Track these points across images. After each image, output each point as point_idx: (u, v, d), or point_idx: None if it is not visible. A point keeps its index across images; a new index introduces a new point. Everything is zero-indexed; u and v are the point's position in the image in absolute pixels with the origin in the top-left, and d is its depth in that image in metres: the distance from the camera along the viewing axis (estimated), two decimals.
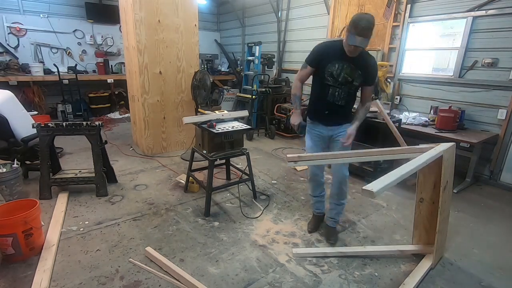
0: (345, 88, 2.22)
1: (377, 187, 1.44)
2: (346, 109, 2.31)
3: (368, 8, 4.78)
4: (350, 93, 2.25)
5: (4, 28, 5.99)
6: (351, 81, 2.18)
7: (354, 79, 2.17)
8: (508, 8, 3.35)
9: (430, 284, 2.04)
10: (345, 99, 2.26)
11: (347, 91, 2.23)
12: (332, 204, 2.53)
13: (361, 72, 2.15)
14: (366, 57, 2.18)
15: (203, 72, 4.22)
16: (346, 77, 2.17)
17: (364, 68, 2.15)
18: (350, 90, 2.23)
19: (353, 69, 2.15)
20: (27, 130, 3.24)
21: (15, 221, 2.07)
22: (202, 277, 2.04)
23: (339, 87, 2.21)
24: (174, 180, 3.51)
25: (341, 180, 2.40)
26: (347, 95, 2.24)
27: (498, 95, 3.55)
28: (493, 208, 3.15)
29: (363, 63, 2.15)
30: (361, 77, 2.17)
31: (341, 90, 2.22)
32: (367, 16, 1.94)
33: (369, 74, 2.19)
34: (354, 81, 2.18)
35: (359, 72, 2.15)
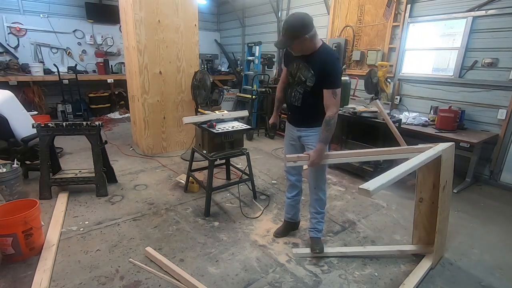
0: (300, 89, 2.09)
1: (373, 186, 1.45)
2: (304, 111, 2.13)
3: (368, 8, 4.78)
4: (307, 95, 2.07)
5: (4, 28, 5.99)
6: (304, 81, 2.04)
7: (307, 79, 2.02)
8: (508, 8, 3.36)
9: (430, 284, 2.04)
10: (301, 100, 2.10)
11: (302, 91, 2.08)
12: (312, 214, 2.38)
13: (314, 72, 1.97)
14: (323, 55, 1.95)
15: (203, 72, 4.22)
16: (300, 77, 2.06)
17: (318, 68, 1.95)
18: (306, 91, 2.07)
19: (306, 69, 2.01)
20: (27, 130, 3.24)
21: (15, 221, 2.07)
22: (202, 277, 2.04)
23: (295, 87, 2.12)
24: (174, 180, 3.51)
25: (315, 185, 2.27)
26: (302, 96, 2.09)
27: (498, 95, 3.55)
28: (493, 208, 3.15)
29: (319, 62, 1.94)
30: (314, 77, 1.98)
31: (297, 90, 2.11)
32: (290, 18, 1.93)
33: (324, 74, 1.93)
34: (307, 81, 2.02)
35: (312, 72, 1.98)
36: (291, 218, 2.57)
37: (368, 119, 3.71)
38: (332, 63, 1.95)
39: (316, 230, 2.38)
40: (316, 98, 2.04)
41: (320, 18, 5.60)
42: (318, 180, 2.27)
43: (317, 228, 2.37)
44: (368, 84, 4.18)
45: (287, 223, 2.59)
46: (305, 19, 1.92)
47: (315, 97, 2.04)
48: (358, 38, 5.04)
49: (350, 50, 5.14)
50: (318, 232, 2.38)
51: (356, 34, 5.03)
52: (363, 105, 4.09)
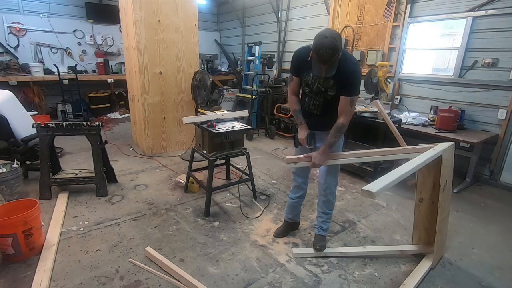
0: (320, 98, 2.06)
1: (376, 187, 1.45)
2: (324, 118, 2.11)
3: (368, 8, 4.78)
4: (327, 102, 2.06)
5: (4, 28, 5.99)
6: (325, 91, 2.01)
7: (328, 89, 1.99)
8: (508, 8, 3.36)
9: (430, 284, 2.04)
10: (322, 108, 2.09)
11: (322, 100, 2.06)
12: (319, 213, 2.40)
13: (335, 81, 1.93)
14: (343, 65, 1.87)
15: (203, 72, 4.22)
16: (319, 87, 2.00)
17: (338, 76, 1.89)
18: (326, 99, 2.05)
19: (326, 79, 1.94)
20: (27, 130, 3.24)
21: (15, 221, 2.07)
22: (202, 277, 2.04)
23: (314, 97, 2.08)
24: (174, 180, 3.51)
25: (327, 190, 2.28)
26: (323, 104, 2.08)
27: (498, 95, 3.55)
28: (493, 208, 3.15)
29: (340, 70, 1.87)
30: (335, 86, 1.96)
31: (316, 100, 2.08)
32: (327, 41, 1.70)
33: (345, 83, 1.91)
34: (328, 91, 2.00)
35: (333, 81, 1.94)
36: (292, 219, 2.58)
37: (368, 119, 3.71)
38: (354, 71, 1.90)
39: (321, 228, 2.41)
40: (334, 106, 2.02)
41: (320, 18, 5.61)
42: (329, 182, 2.26)
43: (323, 227, 2.41)
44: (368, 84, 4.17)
45: (288, 223, 2.60)
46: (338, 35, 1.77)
47: (334, 105, 2.02)
48: (358, 38, 5.04)
49: (350, 50, 5.13)
50: (323, 230, 2.41)
51: (356, 34, 5.04)
52: (363, 105, 4.09)
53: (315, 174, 3.94)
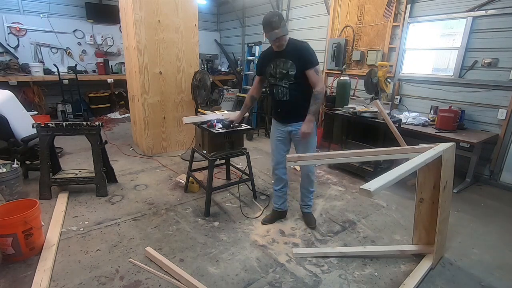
0: (285, 82, 2.33)
1: (374, 186, 1.45)
2: (294, 104, 2.38)
3: (368, 8, 4.78)
4: (292, 86, 2.32)
5: (4, 28, 5.99)
6: (287, 72, 2.29)
7: (288, 69, 2.28)
8: (508, 8, 3.35)
9: (430, 284, 2.04)
10: (289, 93, 2.35)
11: (287, 85, 2.33)
12: (303, 194, 2.70)
13: (292, 60, 2.25)
14: (294, 45, 2.28)
15: (203, 72, 4.22)
16: (281, 71, 2.31)
17: (294, 56, 2.25)
18: (290, 83, 2.31)
19: (284, 62, 2.29)
20: (27, 130, 3.24)
21: (15, 221, 2.07)
22: (202, 277, 2.04)
23: (279, 83, 2.35)
24: (174, 180, 3.51)
25: (308, 171, 2.58)
26: (289, 89, 2.34)
27: (498, 95, 3.55)
28: (493, 208, 3.15)
29: (292, 52, 2.26)
30: (294, 65, 2.25)
31: (282, 85, 2.35)
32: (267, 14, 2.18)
33: (301, 58, 2.25)
34: (289, 71, 2.28)
35: (290, 61, 2.26)
36: (279, 208, 2.78)
37: (368, 119, 3.71)
38: (304, 47, 2.29)
39: (307, 206, 2.72)
40: (301, 88, 2.33)
41: (320, 18, 5.60)
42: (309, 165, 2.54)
43: (308, 204, 2.72)
44: (368, 84, 4.18)
45: (276, 212, 2.79)
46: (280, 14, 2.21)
47: (300, 87, 2.32)
48: (358, 38, 5.03)
49: (350, 50, 5.14)
50: (309, 207, 2.74)
51: (356, 34, 5.03)
52: (363, 105, 4.09)
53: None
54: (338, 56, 5.15)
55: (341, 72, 4.94)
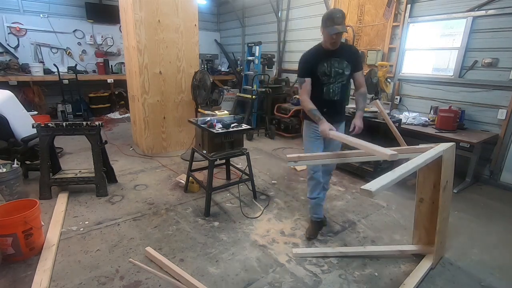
0: (339, 82, 2.35)
1: (375, 186, 1.45)
2: (342, 103, 2.46)
3: (368, 8, 4.78)
4: (343, 86, 2.38)
5: (4, 28, 5.99)
6: (342, 72, 2.32)
7: (344, 69, 2.32)
8: (508, 8, 3.35)
9: (430, 284, 2.04)
10: (340, 93, 2.39)
11: (340, 84, 2.36)
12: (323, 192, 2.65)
13: (348, 61, 2.31)
14: (347, 47, 2.39)
15: (203, 72, 4.22)
16: (337, 70, 2.32)
17: (349, 57, 2.31)
18: (343, 82, 2.36)
19: (339, 62, 2.31)
20: (27, 130, 3.24)
21: (15, 221, 2.07)
22: (202, 277, 2.04)
23: (333, 82, 2.35)
24: (174, 180, 3.51)
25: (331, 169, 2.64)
26: (340, 89, 2.38)
27: (498, 95, 3.55)
28: (493, 208, 3.15)
29: (347, 53, 2.32)
30: (350, 65, 2.32)
31: (335, 85, 2.36)
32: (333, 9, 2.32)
33: (355, 60, 2.35)
34: (344, 71, 2.32)
35: (346, 62, 2.31)
36: (319, 217, 2.61)
37: (368, 119, 3.70)
38: (356, 49, 2.49)
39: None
40: (347, 89, 2.46)
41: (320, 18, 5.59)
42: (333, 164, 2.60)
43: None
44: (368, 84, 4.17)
45: (316, 223, 2.61)
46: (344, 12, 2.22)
47: (347, 88, 2.46)
48: (358, 38, 5.03)
49: None
50: None
51: (356, 34, 5.03)
52: None
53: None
54: None
55: None
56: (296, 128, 5.65)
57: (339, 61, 2.30)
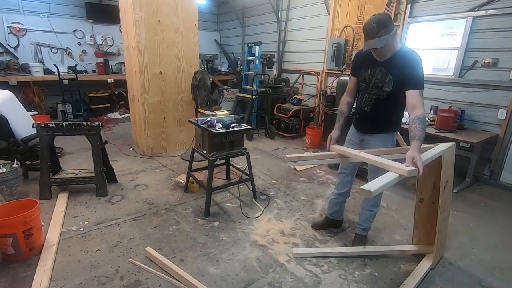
0: (373, 94, 2.09)
1: (374, 186, 1.45)
2: (373, 116, 2.15)
3: (368, 8, 4.78)
4: (380, 100, 2.07)
5: (4, 28, 5.99)
6: (381, 87, 2.02)
7: (384, 84, 2.00)
8: (508, 8, 3.35)
9: (430, 284, 2.04)
10: (372, 105, 2.12)
11: (375, 97, 2.09)
12: (362, 209, 2.43)
13: (393, 76, 1.95)
14: (401, 58, 1.92)
15: (203, 72, 4.22)
16: (377, 82, 2.04)
17: (397, 71, 1.93)
18: (380, 97, 2.06)
19: (384, 74, 1.99)
20: (27, 130, 3.24)
21: (15, 221, 2.07)
22: (202, 277, 2.04)
23: (368, 92, 2.12)
24: (174, 180, 3.51)
25: None
26: (374, 101, 2.10)
27: (498, 95, 3.55)
28: (493, 208, 3.15)
29: (397, 66, 1.92)
30: (392, 82, 1.96)
31: (369, 95, 2.12)
32: (370, 18, 1.87)
33: (405, 76, 1.88)
34: (384, 86, 2.01)
35: (390, 76, 1.96)
36: (332, 215, 2.62)
37: None
38: (415, 64, 1.89)
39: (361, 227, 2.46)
40: (387, 104, 2.07)
41: (320, 18, 5.61)
42: None
43: (363, 226, 2.45)
44: None
45: (327, 219, 2.65)
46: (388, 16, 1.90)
47: (387, 104, 2.07)
48: (358, 38, 5.03)
49: (350, 50, 5.13)
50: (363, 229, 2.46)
51: (356, 34, 5.03)
52: None
53: (314, 174, 3.95)
54: (338, 56, 5.14)
55: (341, 72, 4.94)
56: (296, 128, 5.66)
57: (384, 72, 1.99)
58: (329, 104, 5.04)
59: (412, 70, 1.88)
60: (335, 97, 4.89)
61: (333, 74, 5.47)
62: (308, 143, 5.08)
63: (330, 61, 5.27)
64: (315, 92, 5.91)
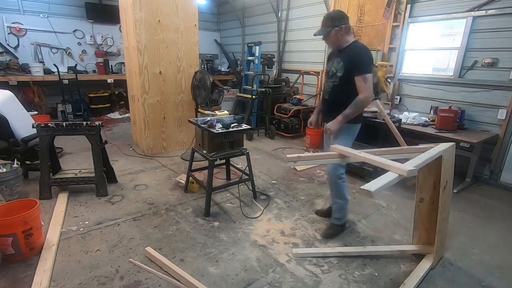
0: (331, 82, 2.35)
1: (375, 186, 1.45)
2: (333, 104, 2.36)
3: (368, 8, 4.78)
4: (335, 87, 2.31)
5: (4, 28, 5.99)
6: (335, 73, 2.29)
7: (337, 70, 2.27)
8: (508, 8, 3.36)
9: (430, 284, 2.04)
10: (330, 92, 2.36)
11: (332, 84, 2.34)
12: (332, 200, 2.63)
13: (344, 63, 2.23)
14: (352, 49, 2.25)
15: (203, 72, 4.22)
16: (333, 70, 2.32)
17: (347, 58, 2.22)
18: (334, 83, 2.31)
19: (338, 62, 2.28)
20: (27, 130, 3.24)
21: (15, 221, 2.07)
22: (202, 277, 2.04)
23: (328, 81, 2.39)
24: (174, 180, 3.51)
25: (332, 181, 2.49)
26: (332, 88, 2.35)
27: (498, 95, 3.55)
28: (493, 208, 3.15)
29: (348, 54, 2.23)
30: (343, 68, 2.23)
31: (328, 84, 2.38)
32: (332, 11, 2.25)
33: (351, 62, 2.20)
34: (337, 72, 2.28)
35: (342, 63, 2.24)
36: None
37: (368, 119, 3.71)
38: (359, 52, 2.22)
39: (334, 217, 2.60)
40: (341, 89, 2.28)
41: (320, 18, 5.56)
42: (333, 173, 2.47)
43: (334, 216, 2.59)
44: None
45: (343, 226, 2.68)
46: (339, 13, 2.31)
47: (341, 89, 2.28)
48: (358, 38, 5.02)
49: None
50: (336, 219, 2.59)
51: (356, 34, 5.03)
52: None
53: (314, 174, 3.95)
54: None
55: None
56: (296, 128, 5.66)
57: (338, 61, 2.29)
58: None
59: (357, 58, 2.20)
60: None
61: None
62: (308, 143, 5.08)
63: None
64: (315, 92, 5.91)
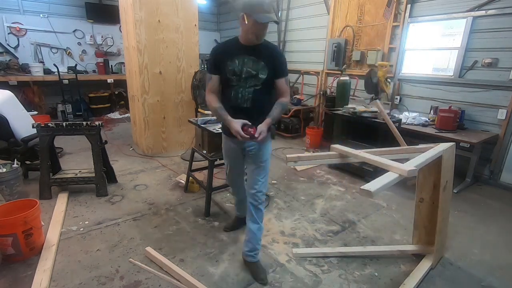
0: (250, 85, 1.89)
1: (375, 186, 1.45)
2: (253, 112, 1.90)
3: (368, 8, 4.78)
4: (257, 92, 1.90)
5: (4, 28, 5.99)
6: (255, 75, 1.87)
7: (258, 71, 1.87)
8: (508, 8, 3.35)
9: (430, 284, 2.04)
10: (251, 100, 1.90)
11: (252, 89, 1.89)
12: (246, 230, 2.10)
13: (265, 62, 1.86)
14: (269, 46, 1.94)
15: (203, 72, 4.22)
16: (250, 71, 1.87)
17: (268, 58, 1.87)
18: (256, 87, 1.89)
19: (255, 61, 1.87)
20: (27, 130, 3.24)
21: (15, 221, 2.07)
22: (202, 277, 2.04)
23: (243, 85, 1.89)
24: (174, 180, 3.51)
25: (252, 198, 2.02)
26: (253, 94, 1.90)
27: (498, 95, 3.55)
28: (493, 208, 3.15)
29: (267, 53, 1.88)
30: (266, 68, 1.87)
31: (245, 89, 1.90)
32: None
33: (277, 64, 1.90)
34: (259, 74, 1.87)
35: (263, 63, 1.86)
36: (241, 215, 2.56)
37: (368, 119, 3.71)
38: (281, 53, 2.05)
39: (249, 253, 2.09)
40: (264, 96, 1.93)
41: (320, 18, 5.60)
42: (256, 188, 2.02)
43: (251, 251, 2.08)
44: (368, 84, 4.17)
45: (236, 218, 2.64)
46: None
47: (264, 95, 1.93)
48: (358, 38, 5.03)
49: (350, 50, 5.14)
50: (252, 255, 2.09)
51: (356, 34, 5.03)
52: (363, 105, 4.09)
53: (314, 174, 3.94)
54: (338, 56, 5.15)
55: (341, 72, 4.93)
56: (296, 128, 5.66)
57: (255, 60, 1.86)
58: (329, 104, 5.04)
59: (282, 58, 1.98)
60: (335, 97, 4.89)
61: (333, 74, 5.47)
62: (308, 143, 5.08)
63: (330, 61, 5.28)
64: (315, 92, 5.91)
